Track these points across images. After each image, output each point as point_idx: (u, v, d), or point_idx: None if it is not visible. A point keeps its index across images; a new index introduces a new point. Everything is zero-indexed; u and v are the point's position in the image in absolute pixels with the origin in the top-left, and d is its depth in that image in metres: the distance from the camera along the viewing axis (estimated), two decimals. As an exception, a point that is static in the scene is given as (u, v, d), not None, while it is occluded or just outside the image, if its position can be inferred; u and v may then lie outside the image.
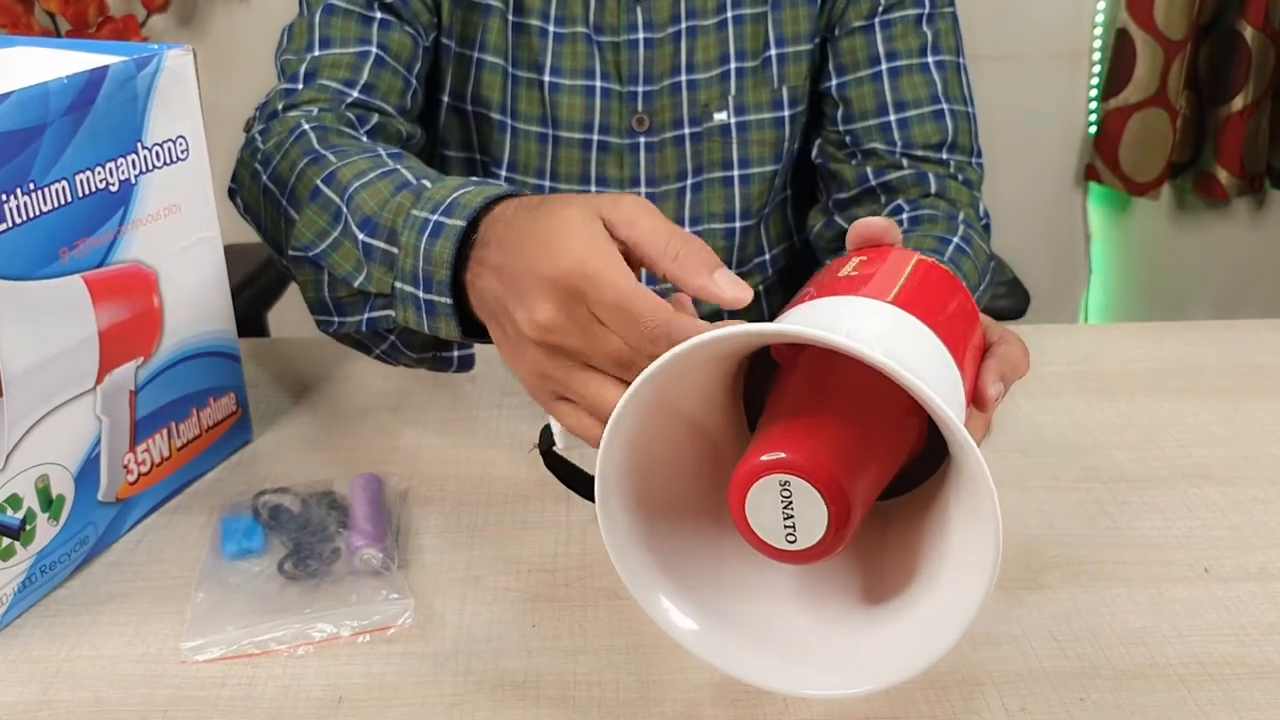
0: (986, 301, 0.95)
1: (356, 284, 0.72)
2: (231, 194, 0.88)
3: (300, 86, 0.88)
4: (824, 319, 0.54)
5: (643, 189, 0.98)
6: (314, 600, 0.65)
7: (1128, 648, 0.62)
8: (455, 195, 0.67)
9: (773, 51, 0.97)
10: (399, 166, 0.74)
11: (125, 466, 0.72)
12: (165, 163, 0.72)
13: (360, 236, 0.71)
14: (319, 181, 0.76)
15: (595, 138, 0.96)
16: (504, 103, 0.96)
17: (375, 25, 0.90)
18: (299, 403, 0.88)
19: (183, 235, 0.74)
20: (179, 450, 0.76)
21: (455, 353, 0.78)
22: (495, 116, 0.96)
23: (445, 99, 0.97)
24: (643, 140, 0.97)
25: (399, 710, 0.58)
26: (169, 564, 0.69)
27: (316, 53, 0.89)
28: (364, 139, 0.84)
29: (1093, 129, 2.14)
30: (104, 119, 0.67)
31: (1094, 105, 2.13)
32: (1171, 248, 2.24)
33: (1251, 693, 0.59)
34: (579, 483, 0.67)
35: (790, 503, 0.50)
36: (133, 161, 0.70)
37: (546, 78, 0.95)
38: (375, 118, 0.88)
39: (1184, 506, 0.75)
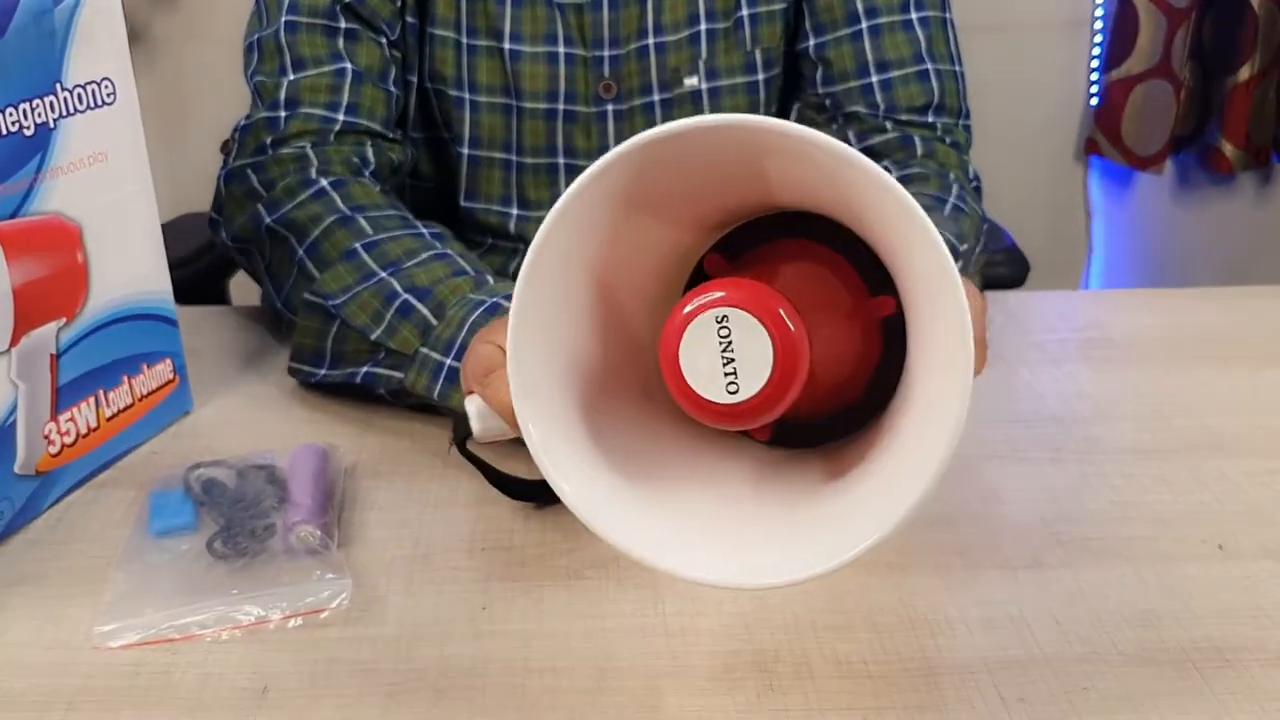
0: (981, 266, 0.89)
1: (374, 336, 0.72)
2: (213, 224, 0.86)
3: (283, 114, 0.84)
4: None
5: None
6: (243, 581, 0.59)
7: (1135, 631, 0.57)
8: None
9: (744, 11, 0.91)
10: (449, 250, 0.76)
11: (46, 437, 0.66)
12: (88, 106, 0.66)
13: (403, 296, 0.72)
14: (358, 245, 0.76)
15: (561, 107, 0.91)
16: (459, 76, 0.90)
17: (342, 37, 0.86)
18: (246, 371, 0.82)
19: (110, 186, 0.69)
20: (108, 420, 0.70)
21: None
22: (452, 92, 0.91)
23: (411, 79, 0.91)
24: (610, 108, 0.91)
25: (330, 701, 0.53)
26: (91, 543, 0.64)
27: (292, 76, 0.85)
28: (379, 191, 0.82)
29: (1094, 101, 2.08)
30: (15, 55, 0.61)
31: (1095, 77, 2.07)
32: (1174, 224, 2.18)
33: (1273, 679, 0.54)
34: (501, 480, 0.64)
35: (729, 344, 0.44)
36: (50, 104, 0.64)
37: (506, 45, 0.89)
38: (369, 148, 0.85)
39: (1195, 480, 0.69)
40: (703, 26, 0.90)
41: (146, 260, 0.72)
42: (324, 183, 0.80)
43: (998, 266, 1.09)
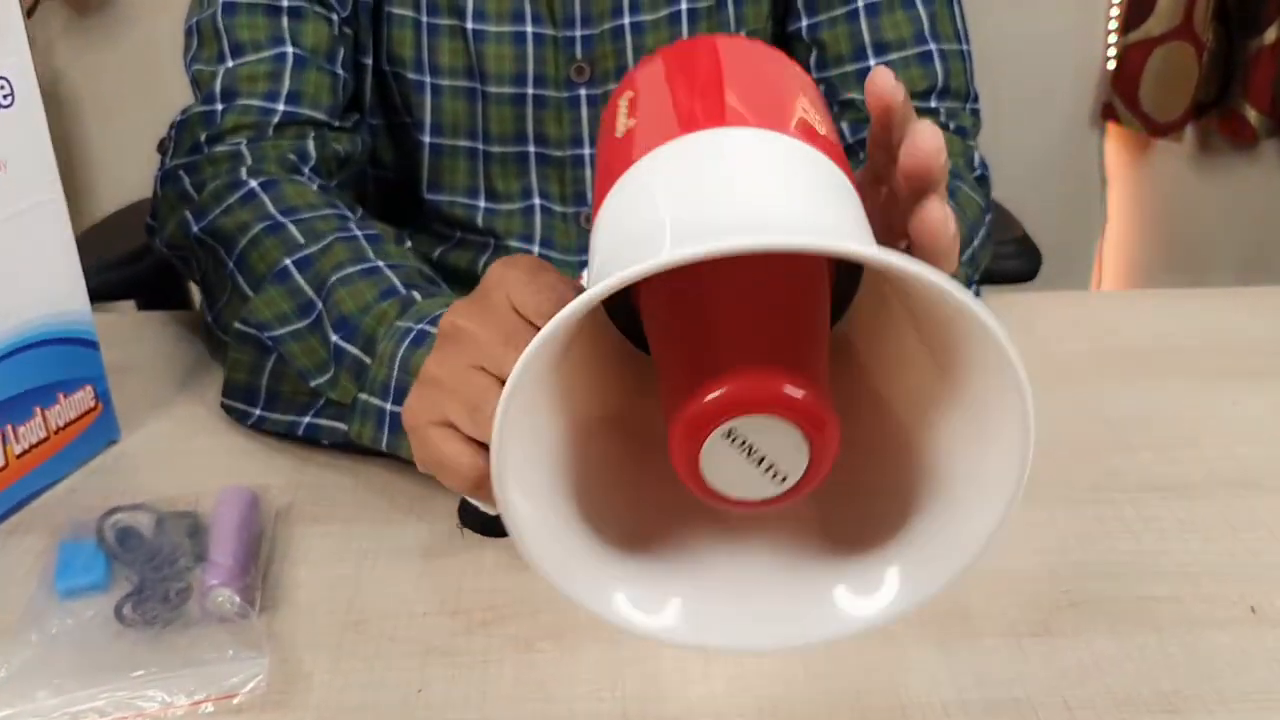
0: (987, 262, 0.81)
1: (314, 384, 0.65)
2: (150, 230, 0.79)
3: (219, 108, 0.77)
4: (638, 220, 0.40)
5: (585, 148, 0.84)
6: (151, 655, 0.52)
7: (1157, 717, 0.50)
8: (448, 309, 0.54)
9: None
10: (381, 264, 0.67)
11: (-58, 483, 0.59)
12: (-19, 112, 0.59)
13: (333, 339, 0.65)
14: (289, 263, 0.68)
15: (529, 91, 0.83)
16: (419, 58, 0.82)
17: (285, 16, 0.78)
18: (181, 392, 0.75)
19: (12, 199, 0.61)
20: (18, 458, 0.63)
21: None
22: (411, 75, 0.83)
23: (366, 61, 0.84)
24: (583, 93, 0.83)
25: (236, 810, 0.46)
26: (-12, 603, 0.57)
27: (230, 63, 0.77)
28: (316, 189, 0.74)
29: (1111, 65, 1.99)
30: (-113, 58, 0.54)
31: (1112, 39, 1.98)
32: (1194, 194, 2.09)
33: (1316, 783, 0.47)
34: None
35: (750, 445, 0.37)
36: (-66, 111, 0.57)
37: (469, 24, 0.81)
38: (310, 139, 0.77)
39: (1225, 523, 0.62)
40: (683, 5, 0.82)
41: (60, 279, 0.65)
42: (254, 184, 0.72)
43: (1007, 260, 1.01)
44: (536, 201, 0.86)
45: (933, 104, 0.83)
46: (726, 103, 0.43)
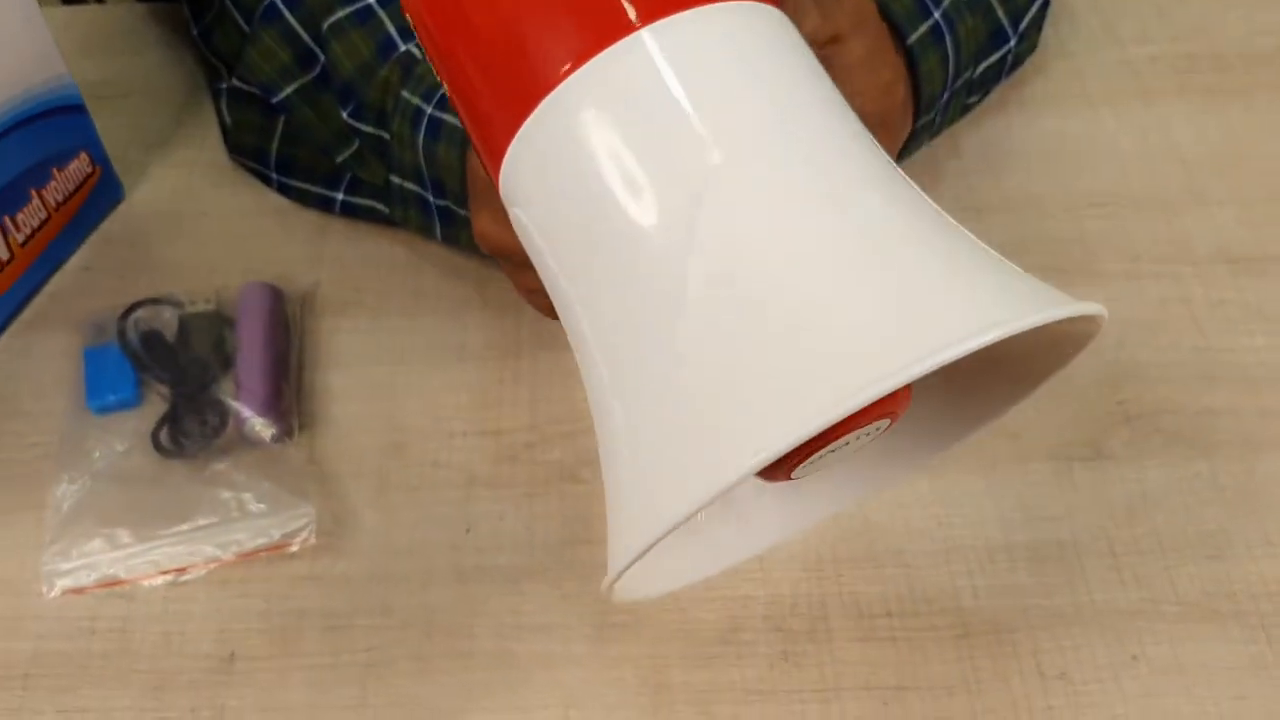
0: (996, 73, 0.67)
1: (340, 160, 0.59)
2: None
3: None
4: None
5: None
6: (197, 496, 0.53)
7: (1200, 564, 0.50)
8: None
9: None
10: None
11: (-50, 293, 0.57)
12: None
13: (343, 115, 0.57)
14: None
15: None
16: None
17: None
18: (180, 129, 0.68)
19: (-43, -27, 0.53)
20: (23, 247, 0.60)
21: None
22: None
23: None
24: None
25: (301, 676, 0.48)
26: (26, 420, 0.56)
27: None
28: None
29: None
30: None
31: None
32: None
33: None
34: None
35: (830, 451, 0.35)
36: None
37: None
38: None
39: (1296, 307, 0.59)
40: None
41: (28, 45, 0.58)
42: None
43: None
44: None
45: None
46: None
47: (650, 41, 0.34)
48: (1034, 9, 0.64)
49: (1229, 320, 0.58)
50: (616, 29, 0.34)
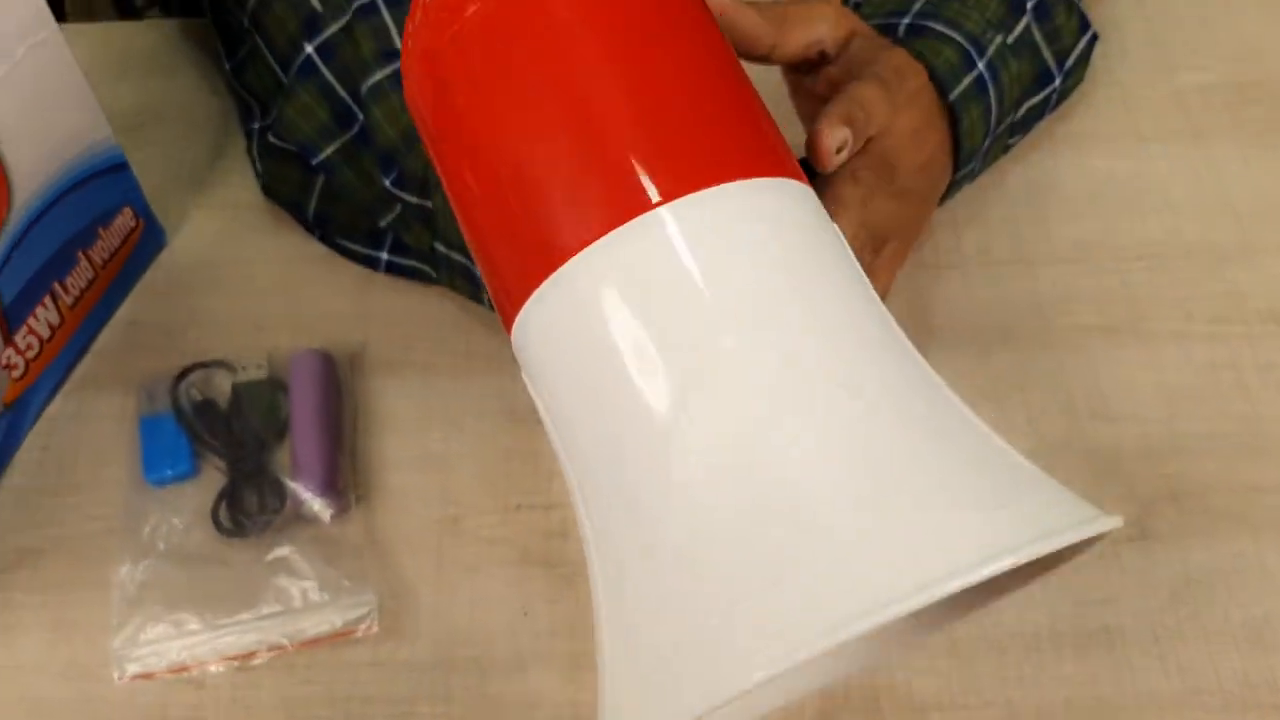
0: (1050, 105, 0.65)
1: (384, 224, 0.59)
2: None
3: None
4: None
5: None
6: (260, 582, 0.54)
7: (1243, 651, 0.51)
8: None
9: None
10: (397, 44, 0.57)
11: (6, 365, 0.57)
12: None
13: (385, 182, 0.57)
14: (311, 51, 0.58)
15: None
16: None
17: None
18: (215, 166, 0.68)
19: (8, 51, 0.53)
20: (71, 309, 0.60)
21: None
22: None
23: None
24: None
25: (370, 765, 0.50)
26: (85, 493, 0.57)
27: None
28: None
29: None
30: None
31: None
32: None
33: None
34: None
35: None
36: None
37: None
38: None
39: (1344, 371, 0.59)
40: None
41: (73, 115, 0.57)
42: None
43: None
44: None
45: None
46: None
47: (670, 221, 0.33)
48: (1081, 45, 0.63)
49: (1278, 386, 0.58)
50: (635, 205, 0.33)
